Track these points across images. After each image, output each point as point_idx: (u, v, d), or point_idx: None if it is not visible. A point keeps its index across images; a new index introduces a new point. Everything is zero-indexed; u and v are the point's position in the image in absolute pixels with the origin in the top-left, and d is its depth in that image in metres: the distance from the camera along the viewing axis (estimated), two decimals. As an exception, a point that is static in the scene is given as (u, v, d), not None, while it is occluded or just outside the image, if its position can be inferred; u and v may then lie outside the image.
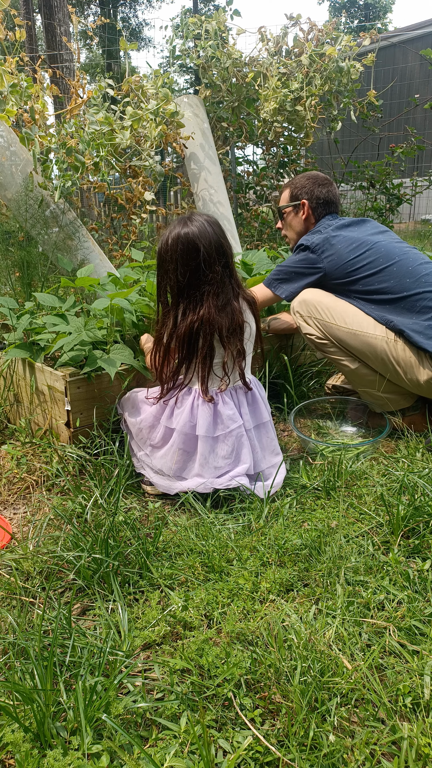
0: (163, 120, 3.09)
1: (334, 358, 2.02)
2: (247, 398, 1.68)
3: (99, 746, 0.86)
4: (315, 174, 2.16)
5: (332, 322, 1.95)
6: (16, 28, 3.18)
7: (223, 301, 1.57)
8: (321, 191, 2.10)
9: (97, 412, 1.81)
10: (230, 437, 1.59)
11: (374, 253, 1.94)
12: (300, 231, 2.16)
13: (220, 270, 1.56)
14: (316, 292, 2.01)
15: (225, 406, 1.61)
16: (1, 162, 2.72)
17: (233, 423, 1.60)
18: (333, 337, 1.97)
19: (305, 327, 2.02)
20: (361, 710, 0.92)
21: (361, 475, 1.68)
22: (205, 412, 1.59)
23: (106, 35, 6.95)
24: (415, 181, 5.45)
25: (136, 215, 3.30)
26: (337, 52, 3.72)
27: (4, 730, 0.88)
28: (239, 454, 1.60)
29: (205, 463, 1.59)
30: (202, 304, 1.55)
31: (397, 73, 7.70)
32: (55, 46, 7.79)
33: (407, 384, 1.92)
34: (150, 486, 1.69)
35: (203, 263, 1.53)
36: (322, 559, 1.28)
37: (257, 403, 1.70)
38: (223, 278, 1.58)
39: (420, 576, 1.23)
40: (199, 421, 1.59)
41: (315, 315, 1.99)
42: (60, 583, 1.28)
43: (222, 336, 1.57)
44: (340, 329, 1.94)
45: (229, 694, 0.95)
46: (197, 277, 1.55)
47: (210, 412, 1.59)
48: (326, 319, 1.96)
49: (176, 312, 1.58)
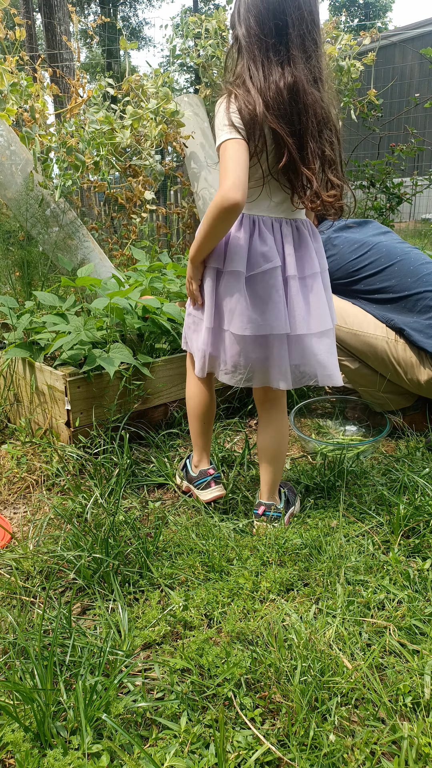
0: (164, 119, 3.09)
1: None
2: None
3: (99, 746, 0.86)
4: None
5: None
6: (16, 27, 3.17)
7: None
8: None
9: (96, 411, 1.81)
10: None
11: (376, 253, 1.94)
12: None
13: None
14: None
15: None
16: (1, 161, 2.72)
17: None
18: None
19: None
20: (362, 710, 0.92)
21: (361, 474, 1.68)
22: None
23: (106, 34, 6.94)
24: (415, 180, 5.44)
25: (136, 214, 3.30)
26: (338, 51, 3.71)
27: (4, 730, 0.88)
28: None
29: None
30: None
31: (397, 72, 7.69)
32: (55, 45, 7.78)
33: (407, 384, 1.92)
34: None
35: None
36: (322, 559, 1.28)
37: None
38: None
39: (420, 575, 1.23)
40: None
41: None
42: (60, 582, 1.28)
43: None
44: (340, 329, 1.94)
45: (229, 694, 0.95)
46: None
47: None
48: None
49: None
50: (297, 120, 1.22)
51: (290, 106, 1.21)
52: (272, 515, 1.45)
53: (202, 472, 1.60)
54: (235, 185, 1.16)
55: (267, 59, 1.21)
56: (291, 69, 1.20)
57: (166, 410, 2.06)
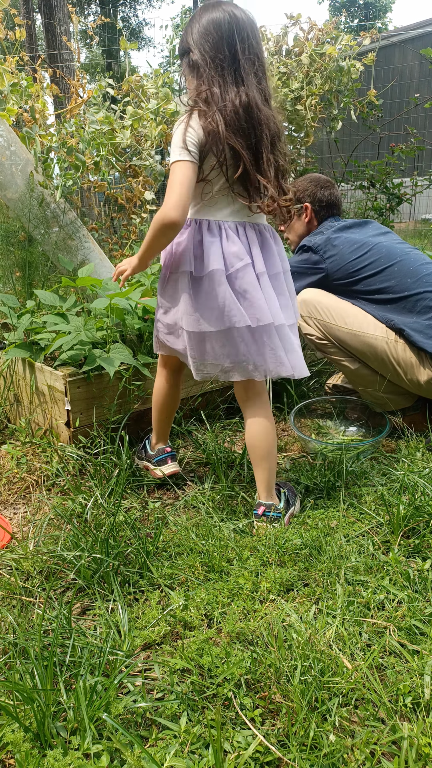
0: (164, 119, 3.10)
1: (334, 359, 2.02)
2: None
3: (99, 746, 0.86)
4: (317, 176, 2.16)
5: (332, 322, 1.95)
6: (16, 28, 3.17)
7: None
8: (323, 194, 2.09)
9: (96, 411, 1.81)
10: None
11: (376, 253, 1.94)
12: (301, 234, 2.16)
13: None
14: (316, 293, 2.01)
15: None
16: (2, 162, 2.72)
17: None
18: (333, 337, 1.97)
19: (305, 327, 2.02)
20: (362, 710, 0.92)
21: (361, 474, 1.68)
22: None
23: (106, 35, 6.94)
24: (415, 180, 5.44)
25: (136, 215, 3.30)
26: (338, 52, 3.72)
27: (4, 730, 0.88)
28: None
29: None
30: None
31: (397, 73, 7.69)
32: (55, 46, 7.79)
33: (407, 384, 1.92)
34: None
35: None
36: (322, 559, 1.28)
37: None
38: None
39: (420, 576, 1.23)
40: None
41: (315, 315, 1.98)
42: (60, 582, 1.28)
43: None
44: (340, 330, 1.94)
45: (229, 694, 0.95)
46: None
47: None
48: (326, 320, 1.96)
49: None
50: (252, 134, 1.35)
51: (246, 123, 1.33)
52: (272, 515, 1.45)
53: (160, 450, 1.76)
54: (176, 205, 1.27)
55: (223, 80, 1.33)
56: (245, 89, 1.33)
57: (166, 410, 2.06)
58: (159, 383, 1.70)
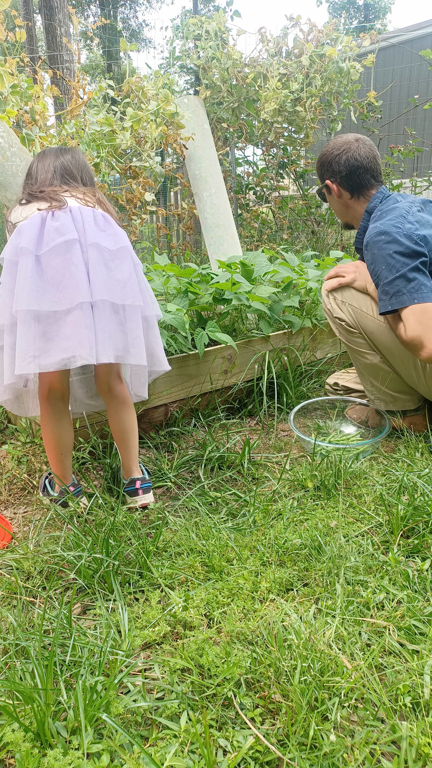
0: (164, 121, 3.10)
1: (356, 349, 1.94)
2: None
3: (99, 746, 0.86)
4: (331, 144, 1.90)
5: (366, 311, 1.87)
6: (16, 29, 3.18)
7: None
8: (340, 161, 1.84)
9: (97, 412, 1.81)
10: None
11: None
12: (355, 215, 1.91)
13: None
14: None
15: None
16: (2, 163, 2.73)
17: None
18: (363, 326, 1.88)
19: (337, 311, 1.93)
20: (361, 710, 0.93)
21: (361, 475, 1.68)
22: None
23: (107, 36, 6.94)
24: (414, 181, 5.45)
25: (136, 216, 3.31)
26: (337, 53, 3.72)
27: (4, 730, 0.88)
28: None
29: None
30: None
31: (396, 74, 7.70)
32: (56, 47, 7.80)
33: (424, 387, 1.88)
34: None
35: None
36: (321, 559, 1.28)
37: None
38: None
39: (419, 575, 1.23)
40: None
41: (350, 301, 1.90)
42: (60, 582, 1.29)
43: None
44: (373, 321, 1.86)
45: (229, 694, 0.95)
46: None
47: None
48: (360, 308, 1.88)
49: None
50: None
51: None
52: (146, 487, 1.62)
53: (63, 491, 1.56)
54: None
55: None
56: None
57: (166, 411, 2.06)
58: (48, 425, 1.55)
